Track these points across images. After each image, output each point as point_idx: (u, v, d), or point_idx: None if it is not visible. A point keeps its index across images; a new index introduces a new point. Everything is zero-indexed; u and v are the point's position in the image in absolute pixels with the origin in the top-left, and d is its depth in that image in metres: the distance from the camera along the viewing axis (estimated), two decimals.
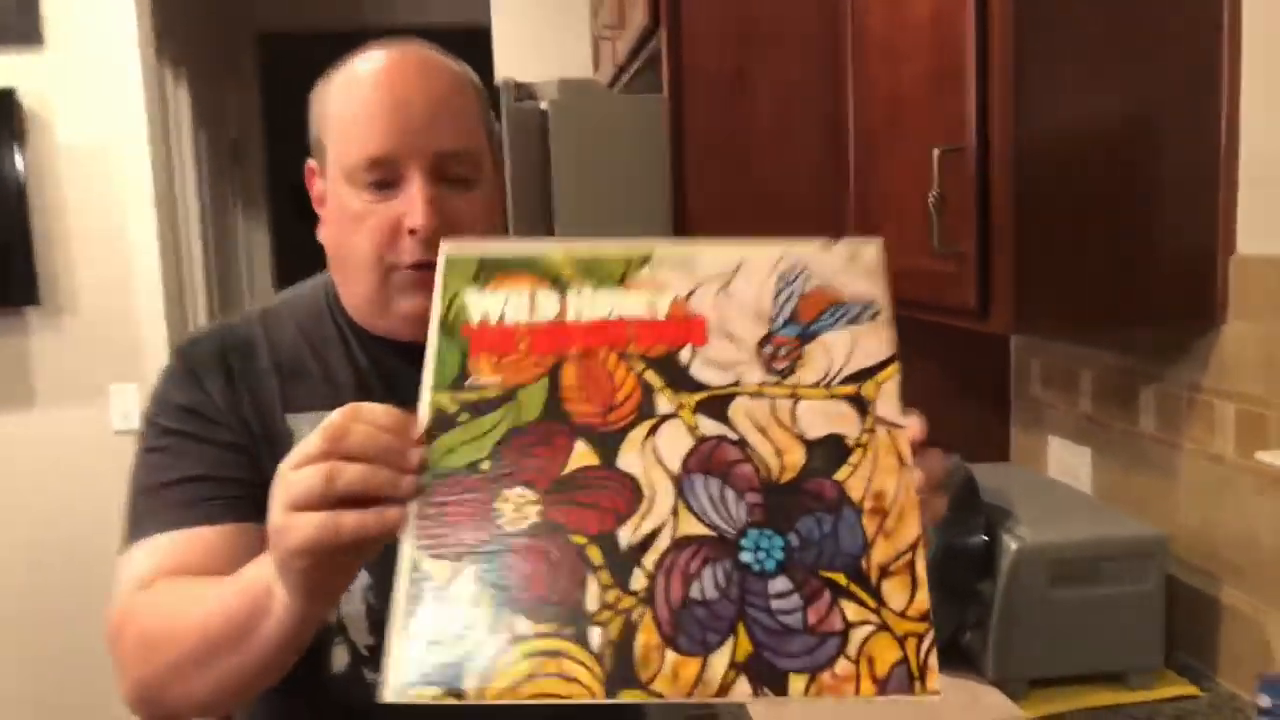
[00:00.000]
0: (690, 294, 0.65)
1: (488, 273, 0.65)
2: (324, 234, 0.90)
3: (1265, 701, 1.08)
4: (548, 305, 0.64)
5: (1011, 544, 1.25)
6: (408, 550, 0.59)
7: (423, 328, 0.86)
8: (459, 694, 0.56)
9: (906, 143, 1.44)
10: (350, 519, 0.58)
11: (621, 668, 0.57)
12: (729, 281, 0.65)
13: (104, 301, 2.64)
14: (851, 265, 0.66)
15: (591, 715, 0.90)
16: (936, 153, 1.28)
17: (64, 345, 2.63)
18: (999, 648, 1.26)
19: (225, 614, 0.70)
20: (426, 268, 0.82)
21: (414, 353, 0.88)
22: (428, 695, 0.56)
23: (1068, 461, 1.66)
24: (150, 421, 0.88)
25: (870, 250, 0.67)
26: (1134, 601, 1.27)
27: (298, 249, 0.93)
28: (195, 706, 0.76)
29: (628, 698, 0.57)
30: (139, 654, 0.76)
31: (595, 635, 0.57)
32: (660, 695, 0.57)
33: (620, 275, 0.65)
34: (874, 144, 1.60)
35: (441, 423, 0.62)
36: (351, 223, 0.85)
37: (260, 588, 0.67)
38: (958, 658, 1.31)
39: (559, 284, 0.65)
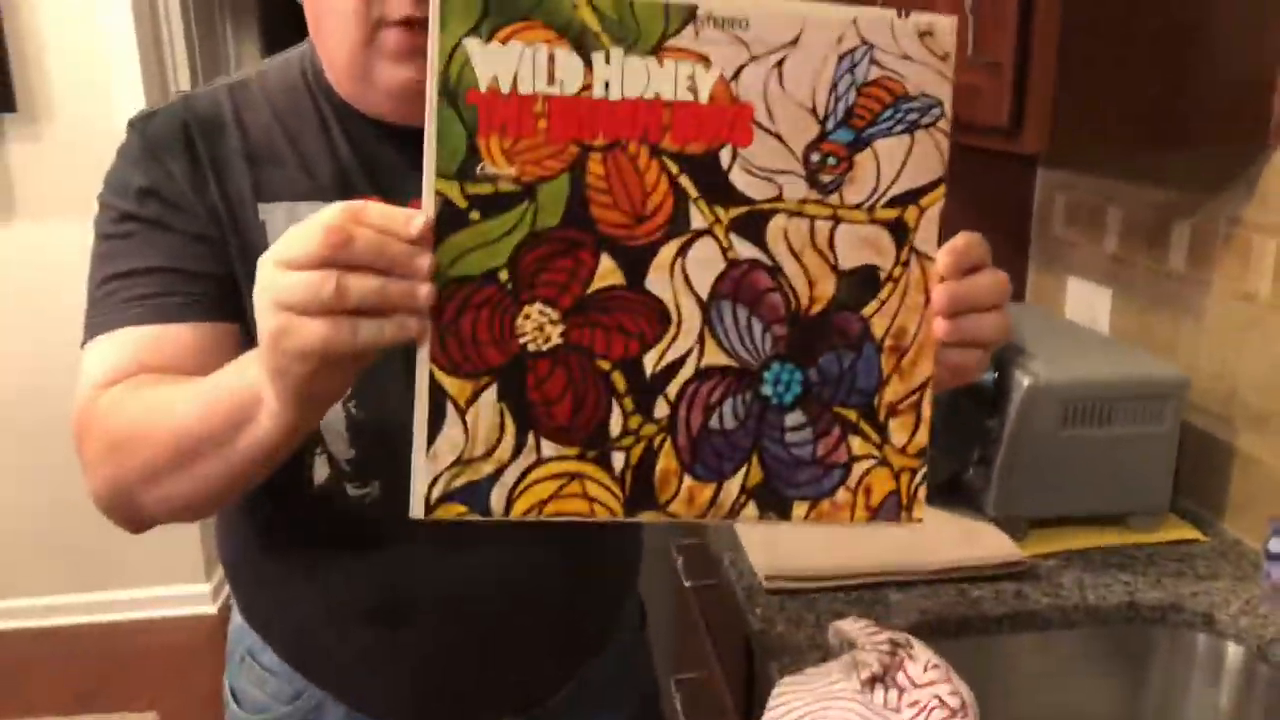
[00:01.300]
0: (738, 72, 0.56)
1: (496, 16, 0.53)
2: None
3: (1277, 546, 1.05)
4: (571, 72, 0.54)
5: (1024, 380, 1.20)
6: (425, 366, 0.55)
7: (412, 106, 0.75)
8: (485, 511, 0.57)
9: None
10: (368, 327, 0.52)
11: (641, 490, 0.58)
12: (783, 59, 0.56)
13: (85, 111, 2.51)
14: (922, 45, 0.58)
15: (600, 529, 0.88)
16: None
17: (44, 154, 2.52)
18: (1002, 486, 1.22)
19: (205, 419, 0.64)
20: (419, 26, 0.71)
21: (404, 138, 0.78)
22: (453, 512, 0.57)
23: (1086, 303, 1.59)
24: (106, 205, 0.79)
25: (944, 27, 0.58)
26: (1146, 444, 1.22)
27: None
28: (169, 510, 0.71)
29: (646, 518, 0.59)
30: (108, 455, 0.71)
31: (617, 459, 0.58)
32: (675, 516, 0.59)
33: (658, 37, 0.55)
34: None
35: (450, 219, 0.54)
36: None
37: (246, 394, 0.61)
38: (959, 494, 1.28)
39: (583, 44, 0.54)
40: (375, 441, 0.78)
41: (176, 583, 2.81)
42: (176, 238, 0.77)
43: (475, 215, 0.54)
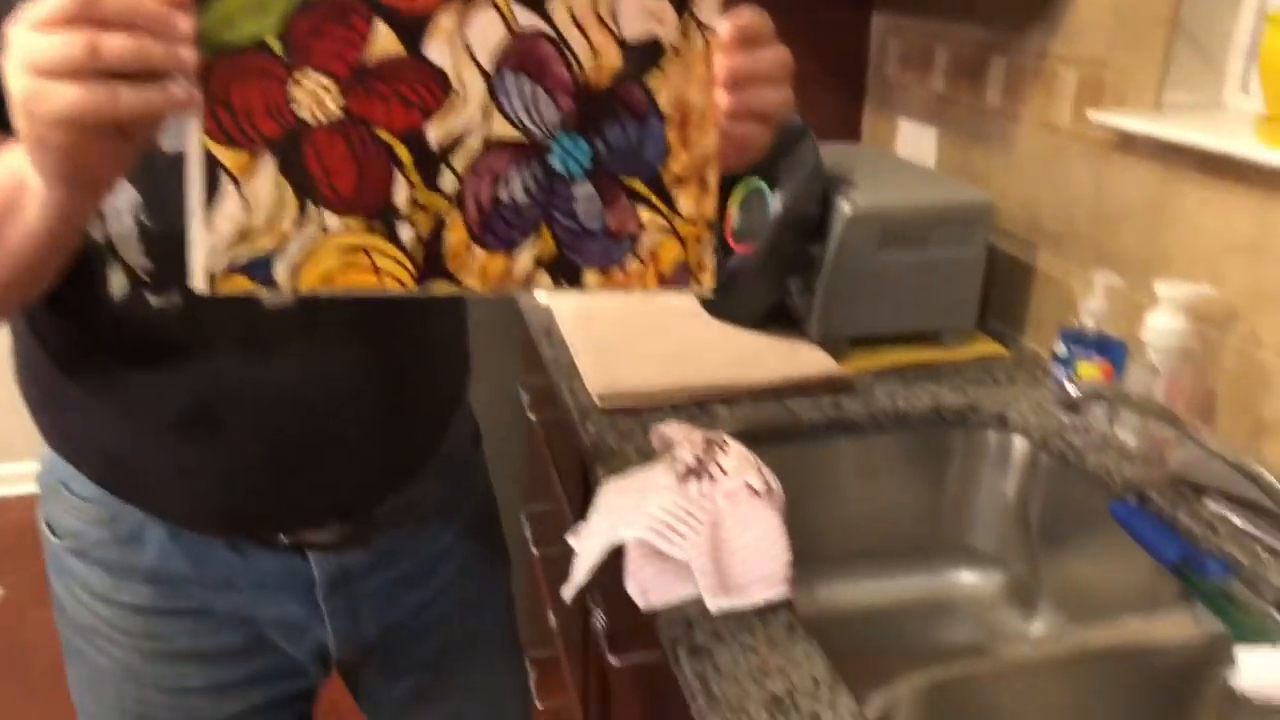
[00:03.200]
0: None
1: None
2: None
3: (1061, 350, 1.15)
4: None
5: (845, 207, 1.25)
6: (196, 137, 0.54)
7: None
8: (271, 284, 0.57)
9: None
10: (130, 94, 0.50)
11: (432, 262, 0.59)
12: None
13: None
14: None
15: (417, 338, 0.88)
16: None
17: None
18: (824, 308, 1.29)
19: None
20: None
21: None
22: (238, 286, 0.56)
23: (915, 141, 1.66)
24: None
25: None
26: (956, 266, 1.31)
27: None
28: None
29: (439, 290, 0.60)
30: None
31: (405, 232, 0.58)
32: (470, 288, 0.60)
33: None
34: None
35: None
36: None
37: (10, 180, 0.59)
38: (785, 319, 1.34)
39: None
40: (172, 251, 0.76)
41: (8, 461, 2.73)
42: None
43: None
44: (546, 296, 1.47)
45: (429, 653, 1.06)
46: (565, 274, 0.62)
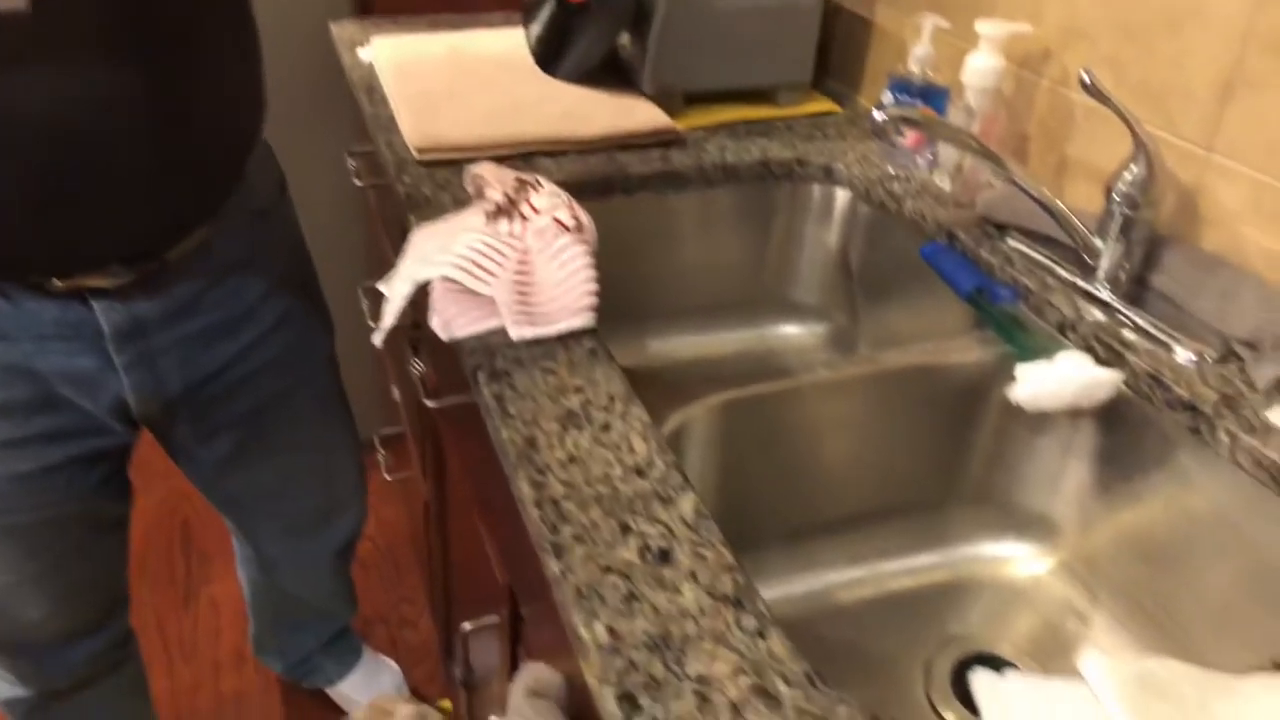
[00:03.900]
0: None
1: None
2: None
3: (888, 98, 1.14)
4: None
5: None
6: None
7: None
8: None
9: None
10: None
11: None
12: None
13: None
14: None
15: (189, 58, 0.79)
16: None
17: None
18: (657, 60, 1.24)
19: None
20: None
21: None
22: None
23: None
24: None
25: None
26: (792, 16, 1.27)
27: None
28: None
29: None
30: None
31: None
32: None
33: None
34: None
35: None
36: None
37: None
38: (616, 72, 1.29)
39: None
40: None
41: None
42: None
43: None
44: (369, 51, 1.37)
45: (244, 409, 1.03)
46: None
